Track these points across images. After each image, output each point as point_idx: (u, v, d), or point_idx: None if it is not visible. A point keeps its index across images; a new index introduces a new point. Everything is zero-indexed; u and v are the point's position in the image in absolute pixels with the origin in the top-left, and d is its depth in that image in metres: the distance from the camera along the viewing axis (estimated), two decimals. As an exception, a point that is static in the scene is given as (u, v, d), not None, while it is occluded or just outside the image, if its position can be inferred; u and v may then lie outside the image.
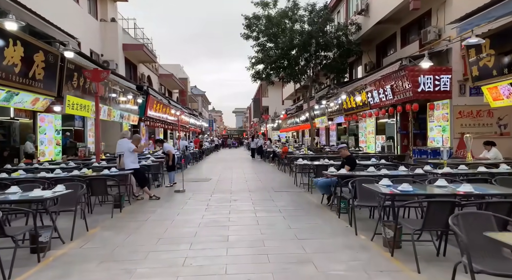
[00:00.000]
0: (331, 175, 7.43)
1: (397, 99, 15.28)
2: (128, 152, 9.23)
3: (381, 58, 20.32)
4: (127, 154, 9.22)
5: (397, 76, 14.67)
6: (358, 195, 6.05)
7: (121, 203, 8.07)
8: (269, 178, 13.65)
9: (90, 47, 19.54)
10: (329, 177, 7.92)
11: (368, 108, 18.33)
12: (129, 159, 9.25)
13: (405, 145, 17.57)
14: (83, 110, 13.20)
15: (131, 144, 9.42)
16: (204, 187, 11.32)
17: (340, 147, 8.25)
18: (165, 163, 12.13)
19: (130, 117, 19.21)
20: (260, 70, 21.31)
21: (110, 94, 15.98)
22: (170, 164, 11.84)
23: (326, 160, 10.89)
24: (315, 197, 9.21)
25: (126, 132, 10.14)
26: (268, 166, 18.91)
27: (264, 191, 10.42)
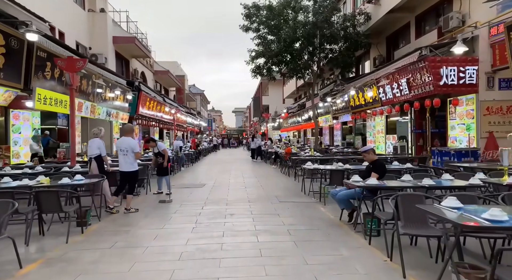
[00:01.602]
0: (356, 186, 5.62)
1: (414, 95, 13.46)
2: (131, 151, 7.63)
3: (392, 51, 18.47)
4: (130, 154, 7.63)
5: (415, 68, 12.85)
6: (403, 217, 4.23)
7: (87, 220, 6.25)
8: (271, 183, 11.81)
9: (77, 39, 17.69)
10: (351, 188, 6.10)
11: (379, 105, 16.49)
12: (130, 159, 7.64)
13: (420, 145, 15.75)
14: (59, 106, 11.35)
15: (133, 141, 7.83)
16: (195, 196, 9.47)
17: (365, 150, 6.41)
18: (155, 166, 10.19)
19: (118, 115, 17.36)
20: (260, 65, 19.47)
21: (94, 89, 14.16)
22: (165, 165, 9.78)
23: (340, 164, 9.06)
24: (330, 210, 7.38)
25: (98, 131, 8.28)
26: (269, 169, 17.06)
27: (267, 201, 8.58)
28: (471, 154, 11.51)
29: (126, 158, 7.68)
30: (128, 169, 7.71)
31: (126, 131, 8.00)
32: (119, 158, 7.73)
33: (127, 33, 21.14)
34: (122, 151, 7.68)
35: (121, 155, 7.68)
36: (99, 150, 8.05)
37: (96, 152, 8.00)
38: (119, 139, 7.95)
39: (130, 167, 7.73)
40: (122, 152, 7.67)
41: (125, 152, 7.67)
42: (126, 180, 7.81)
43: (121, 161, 7.69)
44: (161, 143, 10.23)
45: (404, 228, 4.08)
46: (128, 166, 7.71)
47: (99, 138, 8.27)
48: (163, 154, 9.84)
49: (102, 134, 8.37)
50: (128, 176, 7.78)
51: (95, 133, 8.28)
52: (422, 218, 4.20)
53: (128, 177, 7.80)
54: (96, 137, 8.23)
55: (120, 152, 7.69)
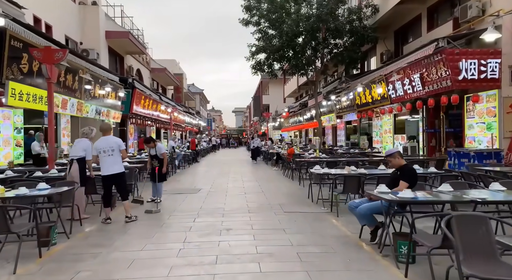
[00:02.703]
0: (383, 199, 4.41)
1: (428, 91, 12.25)
2: (118, 150, 6.55)
3: (401, 45, 17.25)
4: (117, 153, 6.54)
5: (430, 62, 11.64)
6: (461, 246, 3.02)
7: (50, 239, 5.04)
8: (274, 188, 10.59)
9: (66, 33, 16.47)
10: (374, 200, 4.90)
11: (388, 102, 15.28)
12: (118, 158, 6.58)
13: (432, 146, 14.55)
14: (38, 102, 10.13)
15: (118, 138, 6.83)
16: (188, 204, 8.25)
17: (391, 153, 5.18)
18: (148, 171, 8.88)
19: (110, 113, 16.14)
20: (261, 60, 18.24)
21: (82, 85, 12.94)
22: (164, 171, 8.61)
23: (353, 167, 7.85)
24: (344, 223, 6.17)
25: (89, 130, 7.10)
26: (270, 171, 15.83)
27: (270, 210, 7.36)
28: (494, 156, 10.32)
29: (113, 158, 6.54)
30: (119, 170, 6.60)
31: (106, 130, 6.83)
32: (102, 161, 6.53)
33: (121, 28, 19.91)
34: (107, 151, 6.52)
35: (106, 157, 6.51)
36: (85, 152, 6.88)
37: (81, 154, 6.86)
38: (101, 139, 6.74)
39: (121, 168, 6.64)
40: (106, 153, 6.51)
41: (111, 152, 6.53)
42: (115, 184, 6.67)
43: (107, 163, 6.51)
44: (162, 145, 8.96)
45: (468, 266, 2.85)
46: (118, 166, 6.59)
47: (89, 139, 7.10)
48: (162, 158, 8.57)
49: (93, 135, 7.19)
50: (117, 179, 6.63)
51: (85, 132, 7.10)
52: (489, 249, 2.99)
53: (118, 180, 6.65)
54: (85, 137, 7.07)
55: (103, 154, 6.51)
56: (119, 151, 6.58)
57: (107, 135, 6.73)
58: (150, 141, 8.74)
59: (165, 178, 9.04)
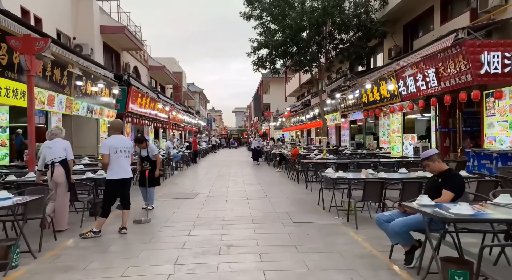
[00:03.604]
0: (426, 214, 3.41)
1: (444, 87, 11.27)
2: (127, 153, 5.72)
3: (410, 40, 16.25)
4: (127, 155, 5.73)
5: (447, 55, 10.66)
6: None
7: (8, 262, 4.04)
8: (278, 193, 9.59)
9: (58, 27, 15.48)
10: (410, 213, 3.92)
11: (399, 100, 14.29)
12: (127, 163, 5.73)
13: (446, 146, 13.54)
14: (19, 98, 9.13)
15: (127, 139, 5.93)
16: (183, 212, 7.23)
17: (428, 156, 4.15)
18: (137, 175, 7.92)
19: (103, 112, 15.13)
20: (263, 56, 17.24)
21: (72, 81, 11.95)
22: (157, 175, 7.55)
23: (370, 170, 6.85)
24: (365, 236, 5.17)
25: (58, 130, 6.09)
26: (273, 173, 14.79)
27: (277, 221, 6.36)
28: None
29: (129, 160, 5.78)
30: (131, 174, 5.82)
31: (118, 129, 5.91)
32: (119, 162, 5.60)
33: (116, 23, 18.89)
34: (123, 152, 5.66)
35: (123, 158, 5.66)
36: (66, 152, 5.88)
37: (62, 155, 5.82)
38: (115, 137, 5.76)
39: (130, 172, 5.82)
40: (123, 153, 5.65)
41: (127, 153, 5.73)
42: (126, 190, 5.81)
43: (125, 164, 5.68)
44: (154, 147, 7.88)
45: None
46: (130, 170, 5.82)
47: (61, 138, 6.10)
48: (154, 160, 7.54)
49: (63, 135, 6.18)
50: (129, 184, 5.88)
51: (54, 133, 6.06)
52: None
53: (129, 185, 5.89)
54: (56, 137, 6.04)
55: (120, 154, 5.61)
56: (128, 153, 5.78)
57: (118, 134, 5.83)
58: (142, 141, 7.69)
59: (158, 183, 8.00)
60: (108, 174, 5.54)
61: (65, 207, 5.74)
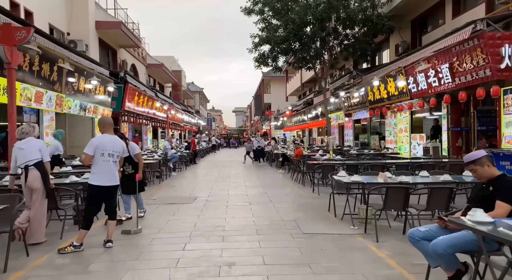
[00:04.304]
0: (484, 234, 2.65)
1: (459, 83, 10.48)
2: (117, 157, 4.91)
3: (419, 36, 15.48)
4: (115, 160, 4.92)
5: (463, 49, 9.89)
6: None
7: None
8: (283, 197, 8.81)
9: (50, 21, 14.69)
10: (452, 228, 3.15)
11: (408, 98, 13.50)
12: (115, 168, 4.92)
13: (458, 146, 12.76)
14: (1, 94, 8.34)
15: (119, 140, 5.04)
16: (179, 220, 6.44)
17: (475, 159, 3.35)
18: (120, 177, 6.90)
19: (98, 110, 14.33)
20: (265, 53, 16.46)
21: (63, 77, 11.17)
22: (140, 178, 6.17)
23: (388, 174, 6.07)
24: (390, 252, 4.40)
25: (30, 128, 5.26)
26: (276, 175, 13.99)
27: (284, 231, 5.58)
28: (544, 159, 8.56)
29: (117, 166, 4.95)
30: (118, 181, 4.99)
31: (106, 126, 5.05)
32: (105, 167, 4.77)
33: (112, 18, 18.10)
34: (112, 155, 4.83)
35: (111, 162, 4.82)
36: (41, 154, 5.07)
37: (37, 157, 5.00)
38: (105, 136, 4.93)
39: (118, 179, 4.99)
40: (112, 157, 4.82)
41: (116, 158, 4.88)
42: (111, 199, 5.00)
43: (113, 170, 4.86)
44: (135, 145, 6.68)
45: None
46: (118, 176, 4.98)
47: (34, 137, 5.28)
48: (136, 161, 6.42)
49: (36, 133, 5.37)
50: (116, 192, 5.12)
51: (25, 132, 5.20)
52: None
53: (116, 194, 5.14)
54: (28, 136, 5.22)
55: (107, 157, 4.79)
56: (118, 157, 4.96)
57: (109, 133, 4.95)
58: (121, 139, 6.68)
59: (143, 188, 6.87)
60: (91, 178, 4.76)
61: (41, 217, 4.96)
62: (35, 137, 5.24)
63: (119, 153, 4.93)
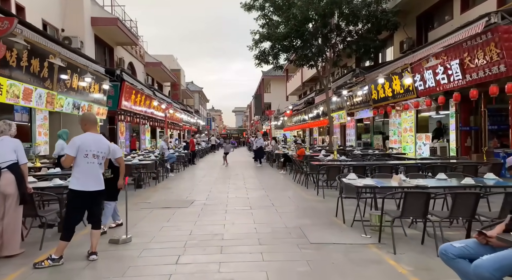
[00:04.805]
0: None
1: (470, 80, 9.92)
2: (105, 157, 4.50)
3: (424, 32, 14.93)
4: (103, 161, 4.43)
5: (474, 44, 9.34)
6: None
7: None
8: (286, 200, 8.24)
9: (44, 17, 14.10)
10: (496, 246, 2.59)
11: (414, 96, 12.94)
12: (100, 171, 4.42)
13: (467, 146, 12.21)
14: (-15, 90, 7.78)
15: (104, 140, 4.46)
16: (173, 227, 5.87)
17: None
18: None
19: (92, 109, 13.75)
20: (266, 50, 15.89)
21: (54, 74, 10.60)
22: (120, 186, 5.29)
23: (402, 176, 5.49)
24: (412, 267, 3.84)
25: (6, 126, 4.64)
26: (278, 176, 13.41)
27: (289, 240, 5.01)
28: None
29: (102, 168, 4.40)
30: (103, 185, 4.42)
31: (89, 124, 4.41)
32: (89, 169, 4.21)
33: (109, 14, 17.52)
34: (97, 156, 4.27)
35: (95, 165, 4.27)
36: (16, 155, 4.49)
37: (11, 158, 4.42)
38: (89, 135, 4.33)
39: (103, 183, 4.43)
40: (96, 159, 4.26)
41: (101, 159, 4.34)
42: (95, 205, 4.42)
43: (97, 173, 4.31)
44: (117, 148, 5.76)
45: None
46: (103, 180, 4.41)
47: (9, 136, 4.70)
48: (116, 165, 5.43)
49: (13, 131, 4.78)
50: (101, 198, 4.60)
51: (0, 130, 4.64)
52: None
53: (101, 200, 4.65)
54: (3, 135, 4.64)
55: (91, 159, 4.23)
56: (103, 159, 4.41)
57: (93, 132, 4.36)
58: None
59: (115, 197, 5.69)
60: (72, 182, 4.20)
61: (16, 226, 4.38)
62: (11, 136, 4.67)
63: (105, 153, 4.37)
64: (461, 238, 4.78)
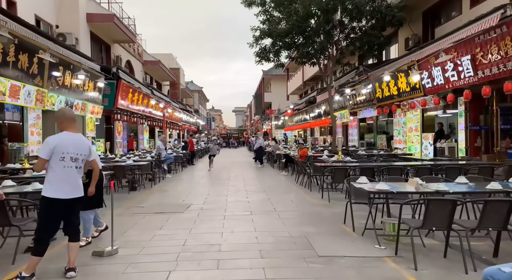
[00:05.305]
0: None
1: (483, 77, 9.37)
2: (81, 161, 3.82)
3: (431, 28, 14.37)
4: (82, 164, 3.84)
5: (488, 38, 8.79)
6: None
7: None
8: (289, 204, 7.68)
9: (37, 12, 13.55)
10: None
11: (421, 94, 12.38)
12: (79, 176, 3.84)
13: (477, 146, 11.66)
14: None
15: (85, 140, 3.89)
16: (165, 237, 5.29)
17: None
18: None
19: (87, 108, 13.21)
20: (266, 47, 15.33)
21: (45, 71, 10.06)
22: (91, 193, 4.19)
23: (418, 180, 4.93)
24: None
25: None
26: (279, 177, 12.84)
27: (294, 253, 4.45)
28: None
29: (81, 172, 3.82)
30: (82, 191, 3.85)
31: (67, 121, 3.81)
32: (65, 174, 3.65)
33: (105, 11, 16.96)
34: (76, 159, 3.70)
35: (73, 169, 3.71)
36: None
37: None
38: (66, 135, 3.76)
39: (82, 189, 3.86)
40: (74, 162, 3.69)
41: (80, 162, 3.77)
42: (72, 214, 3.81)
43: (75, 178, 3.74)
44: (93, 150, 4.42)
45: None
46: (82, 186, 3.85)
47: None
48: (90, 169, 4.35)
49: None
50: (80, 206, 3.94)
51: None
52: None
53: (79, 208, 3.98)
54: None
55: (69, 162, 3.66)
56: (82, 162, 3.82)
57: (71, 131, 3.78)
58: None
59: (99, 204, 5.06)
60: (46, 188, 3.63)
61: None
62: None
63: (85, 156, 3.81)
64: (488, 250, 4.24)
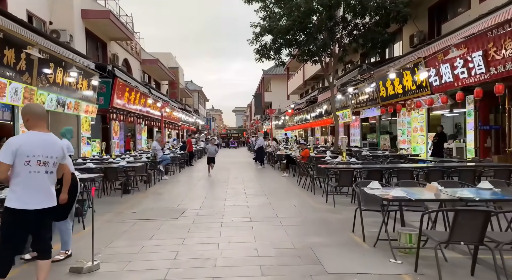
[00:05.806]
0: None
1: (495, 74, 8.83)
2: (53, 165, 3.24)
3: (437, 25, 13.83)
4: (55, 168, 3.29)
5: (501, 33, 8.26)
6: None
7: None
8: (292, 209, 7.12)
9: (29, 8, 12.99)
10: None
11: (428, 92, 11.83)
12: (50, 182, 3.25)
13: (487, 147, 11.12)
14: None
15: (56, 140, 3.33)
16: (156, 249, 4.73)
17: None
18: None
19: (80, 106, 12.66)
20: (267, 44, 14.77)
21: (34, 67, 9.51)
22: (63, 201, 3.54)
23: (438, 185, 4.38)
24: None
25: None
26: (280, 179, 12.27)
27: (300, 269, 3.90)
28: None
29: (53, 178, 3.26)
30: (55, 200, 3.29)
31: (40, 117, 3.27)
32: (31, 180, 3.10)
33: (101, 7, 16.41)
34: (45, 163, 3.15)
35: (42, 174, 3.15)
36: None
37: None
38: (32, 134, 3.20)
39: (55, 198, 3.30)
40: (44, 166, 3.14)
41: (51, 166, 3.20)
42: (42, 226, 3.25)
43: (45, 184, 3.18)
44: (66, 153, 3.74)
45: None
46: (54, 194, 3.28)
47: None
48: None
49: None
50: (50, 217, 3.34)
51: None
52: None
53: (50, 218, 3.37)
54: None
55: (36, 167, 3.11)
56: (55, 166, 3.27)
57: (40, 130, 3.22)
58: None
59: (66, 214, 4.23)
60: (9, 197, 3.08)
61: None
62: None
63: (57, 158, 3.25)
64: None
